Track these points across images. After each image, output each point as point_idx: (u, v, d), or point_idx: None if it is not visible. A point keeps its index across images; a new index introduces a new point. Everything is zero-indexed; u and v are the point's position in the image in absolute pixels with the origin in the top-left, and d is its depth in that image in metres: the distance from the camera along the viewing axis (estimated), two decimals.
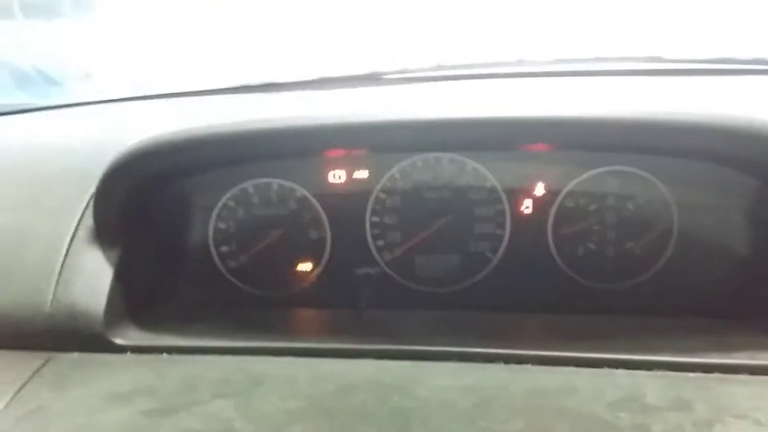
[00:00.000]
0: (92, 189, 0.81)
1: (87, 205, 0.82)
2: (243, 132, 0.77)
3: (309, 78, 1.20)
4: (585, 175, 0.90)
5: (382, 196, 0.94)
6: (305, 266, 0.96)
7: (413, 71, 1.24)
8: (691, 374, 0.65)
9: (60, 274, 0.78)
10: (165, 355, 0.76)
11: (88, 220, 0.81)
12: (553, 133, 0.76)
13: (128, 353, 0.76)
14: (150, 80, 1.57)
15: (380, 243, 0.95)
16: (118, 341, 0.77)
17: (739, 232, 0.86)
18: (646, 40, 1.35)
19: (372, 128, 0.76)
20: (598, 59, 1.21)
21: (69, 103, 1.29)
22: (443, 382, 0.66)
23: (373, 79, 1.16)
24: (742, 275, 0.85)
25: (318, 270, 0.96)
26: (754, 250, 0.85)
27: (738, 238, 0.87)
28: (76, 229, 0.81)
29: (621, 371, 0.66)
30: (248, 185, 0.95)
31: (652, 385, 0.63)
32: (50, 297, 0.77)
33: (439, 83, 1.04)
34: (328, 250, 0.96)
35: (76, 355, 0.76)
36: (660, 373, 0.66)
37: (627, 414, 0.58)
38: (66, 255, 0.80)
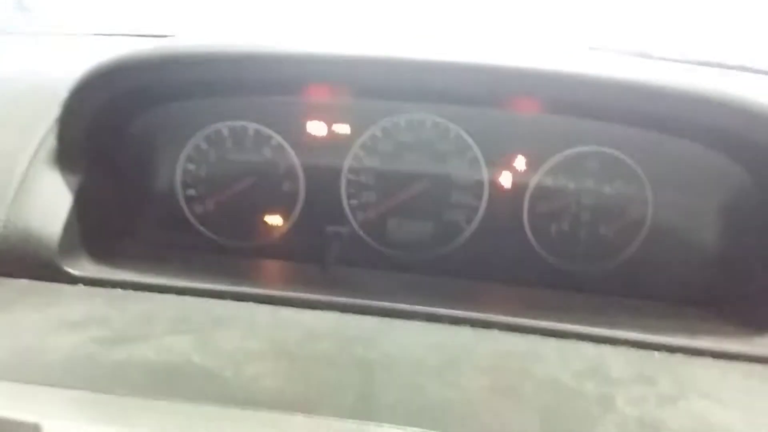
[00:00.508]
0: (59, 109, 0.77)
1: (51, 126, 0.78)
2: (221, 54, 0.73)
3: None
4: (566, 153, 0.89)
5: (361, 153, 0.92)
6: (275, 218, 0.94)
7: None
8: (656, 353, 0.66)
9: (15, 195, 0.74)
10: (120, 290, 0.73)
11: (51, 141, 0.77)
12: (539, 87, 0.75)
13: (81, 285, 0.73)
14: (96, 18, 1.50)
15: (354, 202, 0.93)
16: (72, 271, 0.74)
17: (712, 222, 0.87)
18: (635, 35, 1.35)
19: (356, 63, 0.74)
20: (588, 49, 1.22)
21: (45, 31, 1.24)
22: (410, 338, 0.65)
23: None
24: (712, 264, 0.86)
25: (288, 223, 0.94)
26: (725, 239, 0.86)
27: (710, 228, 0.87)
28: (37, 151, 0.77)
29: (586, 344, 0.66)
30: (222, 126, 0.91)
31: (616, 359, 0.63)
32: (2, 218, 0.73)
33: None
34: (300, 203, 0.93)
35: (25, 281, 0.73)
36: (625, 349, 0.66)
37: (592, 383, 0.58)
38: (24, 177, 0.75)
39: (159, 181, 0.93)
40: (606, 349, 0.66)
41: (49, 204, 0.75)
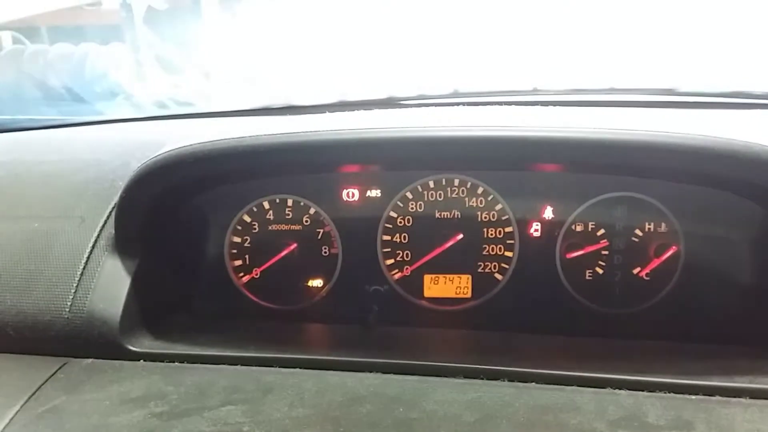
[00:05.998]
0: (116, 199, 0.84)
1: (109, 214, 0.86)
2: (261, 145, 0.79)
3: (328, 101, 1.24)
4: (593, 200, 0.91)
5: (394, 215, 0.96)
6: (316, 281, 0.99)
7: (429, 97, 1.28)
8: (693, 396, 0.66)
9: (80, 280, 0.81)
10: (177, 363, 0.78)
11: (110, 230, 0.84)
12: (558, 153, 0.78)
13: (141, 360, 0.78)
14: (175, 100, 1.62)
15: (390, 261, 0.97)
16: (133, 348, 0.79)
17: (745, 260, 0.87)
18: (660, 72, 1.37)
19: (386, 144, 0.79)
20: (612, 90, 1.24)
21: (98, 119, 1.34)
22: (448, 396, 0.67)
23: (390, 103, 1.19)
24: (746, 302, 0.86)
25: (329, 286, 0.98)
26: (758, 277, 0.86)
27: (743, 266, 0.88)
28: (97, 238, 0.84)
29: (623, 391, 0.67)
30: (264, 201, 0.98)
31: (653, 406, 0.64)
32: (69, 303, 0.80)
33: (454, 108, 1.07)
34: (339, 266, 0.98)
35: (90, 360, 0.79)
36: (662, 394, 0.67)
37: None
38: (86, 262, 0.82)
39: (208, 256, 0.99)
40: (642, 396, 0.66)
41: (110, 287, 0.81)
